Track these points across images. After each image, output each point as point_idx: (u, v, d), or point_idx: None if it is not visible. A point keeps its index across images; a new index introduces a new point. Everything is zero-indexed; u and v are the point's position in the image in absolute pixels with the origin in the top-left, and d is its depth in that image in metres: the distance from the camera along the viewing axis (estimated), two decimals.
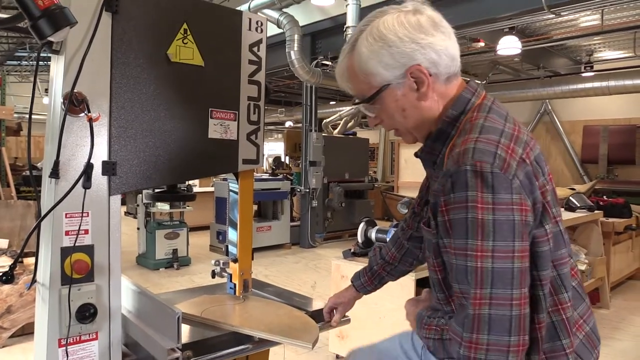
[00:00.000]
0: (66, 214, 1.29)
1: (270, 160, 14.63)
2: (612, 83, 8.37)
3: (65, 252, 1.29)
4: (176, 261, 6.69)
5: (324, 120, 11.63)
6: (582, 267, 4.85)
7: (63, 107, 1.27)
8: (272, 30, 7.65)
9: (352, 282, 1.64)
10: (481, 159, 0.99)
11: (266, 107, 1.54)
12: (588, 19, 7.48)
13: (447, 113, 1.14)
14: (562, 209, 5.32)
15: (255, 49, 1.67)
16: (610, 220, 5.56)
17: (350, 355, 1.53)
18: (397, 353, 1.39)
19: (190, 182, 8.77)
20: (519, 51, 7.28)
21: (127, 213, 11.24)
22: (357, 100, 1.20)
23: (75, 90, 1.27)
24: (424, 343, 1.21)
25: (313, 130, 8.57)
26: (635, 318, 4.94)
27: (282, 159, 13.88)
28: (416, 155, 1.24)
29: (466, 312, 0.99)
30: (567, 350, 1.08)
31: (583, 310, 1.18)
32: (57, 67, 1.34)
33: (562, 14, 6.02)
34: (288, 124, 16.77)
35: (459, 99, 1.15)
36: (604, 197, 6.51)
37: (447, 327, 1.09)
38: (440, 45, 1.10)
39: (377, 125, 1.24)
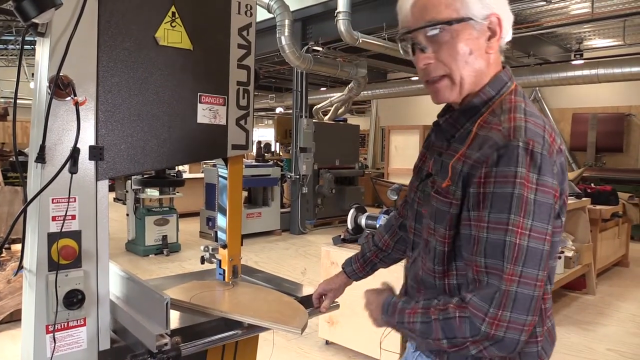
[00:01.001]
0: (53, 200, 1.28)
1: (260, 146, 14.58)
2: (601, 71, 8.41)
3: (52, 237, 1.28)
4: (166, 247, 6.68)
5: (315, 107, 11.60)
6: (570, 254, 4.91)
7: (49, 90, 1.25)
8: (262, 15, 7.58)
9: (343, 268, 1.63)
10: (534, 139, 1.00)
11: (256, 93, 1.53)
12: (578, 6, 7.50)
13: (483, 90, 1.12)
14: None
15: (244, 32, 1.64)
16: (598, 207, 5.62)
17: None
18: None
19: (180, 168, 8.73)
20: (509, 38, 7.26)
21: (116, 199, 11.18)
22: (423, 24, 1.09)
23: (61, 74, 1.25)
24: (400, 329, 1.18)
25: (303, 117, 8.54)
26: (620, 304, 5.02)
27: (267, 145, 13.80)
28: (436, 123, 1.21)
29: (497, 288, 0.98)
30: (538, 337, 1.11)
31: (549, 307, 1.21)
32: (42, 50, 1.31)
33: (552, 1, 6.02)
34: (278, 110, 16.70)
35: (497, 79, 1.13)
36: (592, 184, 6.57)
37: (451, 305, 1.05)
38: (510, 14, 1.11)
39: (425, 66, 1.12)
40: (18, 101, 1.55)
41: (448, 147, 1.15)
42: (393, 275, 1.57)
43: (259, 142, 13.43)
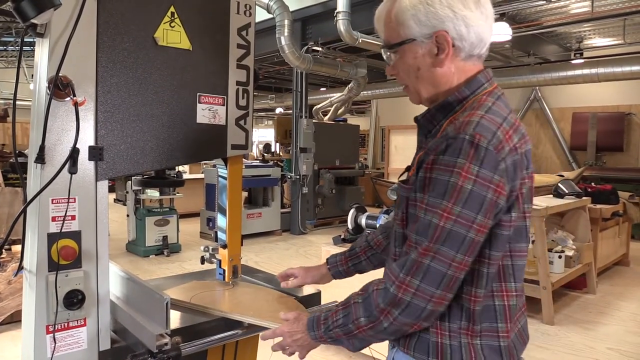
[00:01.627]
0: (52, 200, 1.28)
1: (261, 147, 14.58)
2: (601, 70, 8.40)
3: (52, 238, 1.28)
4: (166, 248, 6.68)
5: (315, 107, 11.60)
6: (570, 253, 4.91)
7: (48, 91, 1.25)
8: (262, 15, 7.58)
9: (327, 259, 1.63)
10: (481, 133, 1.05)
11: (256, 94, 1.53)
12: (578, 5, 7.49)
13: (459, 90, 1.18)
14: (551, 196, 5.37)
15: (243, 32, 1.64)
16: (598, 206, 5.62)
17: None
18: None
19: (180, 168, 8.74)
20: (509, 38, 7.28)
21: (116, 200, 11.18)
22: (382, 45, 1.26)
23: (60, 74, 1.25)
24: (329, 338, 1.21)
25: (303, 117, 8.54)
26: (620, 303, 5.02)
27: (267, 145, 13.80)
28: (416, 119, 1.28)
29: (409, 257, 1.07)
30: (500, 333, 1.15)
31: (518, 309, 1.23)
32: (41, 51, 1.31)
33: (552, 0, 6.01)
34: (278, 110, 16.69)
35: (474, 80, 1.18)
36: (592, 183, 6.57)
37: (370, 285, 1.15)
38: (474, 22, 1.14)
39: (392, 76, 1.29)
40: (18, 102, 1.55)
41: (425, 142, 1.22)
42: None
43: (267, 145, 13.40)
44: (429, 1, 1.13)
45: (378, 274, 1.28)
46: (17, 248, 4.14)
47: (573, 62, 9.15)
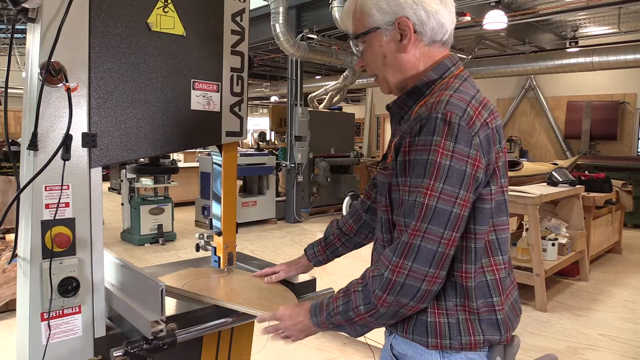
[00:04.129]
0: (46, 187, 1.27)
1: (256, 135, 14.53)
2: (596, 59, 8.41)
3: (46, 225, 1.27)
4: (161, 237, 6.67)
5: (310, 95, 11.55)
6: (563, 241, 4.94)
7: (40, 77, 1.24)
8: (257, 2, 7.52)
9: (305, 251, 1.69)
10: (452, 110, 1.08)
11: (251, 82, 1.53)
12: None
13: (426, 74, 1.22)
14: (545, 184, 5.39)
15: (238, 18, 1.63)
16: (591, 194, 5.65)
17: None
18: None
19: (175, 157, 8.71)
20: (504, 26, 7.25)
21: (111, 189, 11.13)
22: (350, 37, 1.29)
23: (52, 60, 1.24)
24: (330, 324, 1.22)
25: (298, 105, 8.51)
26: (613, 290, 5.07)
27: (262, 133, 13.77)
28: (387, 107, 1.31)
29: (401, 240, 1.09)
30: (496, 307, 1.18)
31: (510, 282, 1.28)
32: (33, 36, 1.30)
33: None
34: (273, 98, 16.63)
35: (440, 65, 1.22)
36: (586, 172, 6.60)
37: (367, 272, 1.16)
38: (432, 7, 1.18)
39: (362, 68, 1.33)
40: (10, 91, 1.54)
41: (399, 129, 1.24)
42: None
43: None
44: None
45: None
46: (10, 237, 4.13)
47: (568, 50, 9.16)
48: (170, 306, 1.49)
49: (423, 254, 1.06)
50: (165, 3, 1.46)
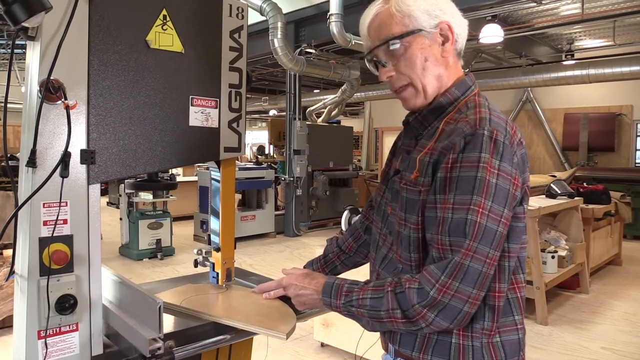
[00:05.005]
0: (44, 204, 1.27)
1: (255, 149, 14.56)
2: (592, 71, 8.47)
3: (44, 242, 1.27)
4: (160, 251, 6.65)
5: (308, 109, 11.60)
6: (563, 253, 4.93)
7: (39, 94, 1.24)
8: (255, 17, 7.57)
9: (303, 268, 1.66)
10: (497, 128, 1.09)
11: (249, 96, 1.53)
12: (569, 7, 7.54)
13: (450, 91, 1.21)
14: (543, 196, 5.40)
15: (236, 35, 1.64)
16: (590, 206, 5.66)
17: None
18: None
19: (174, 171, 8.71)
20: (501, 39, 7.32)
21: (109, 203, 11.10)
22: (379, 43, 1.21)
23: (51, 77, 1.24)
24: (345, 310, 1.19)
25: (297, 119, 8.55)
26: (613, 302, 5.05)
27: (261, 147, 13.80)
28: (406, 121, 1.28)
29: (452, 259, 1.05)
30: (518, 325, 1.18)
31: (524, 296, 1.26)
32: (32, 54, 1.30)
33: (543, 2, 6.07)
34: (272, 112, 16.68)
35: (463, 82, 1.23)
36: (584, 184, 6.61)
37: (404, 279, 1.12)
38: (462, 19, 1.22)
39: (388, 79, 1.24)
40: (10, 105, 1.54)
41: (416, 144, 1.23)
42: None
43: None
44: None
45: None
46: (8, 252, 4.11)
47: (564, 63, 9.22)
48: (168, 323, 1.48)
49: (470, 275, 1.04)
50: (164, 21, 1.47)
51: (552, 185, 5.43)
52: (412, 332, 1.15)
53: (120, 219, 6.91)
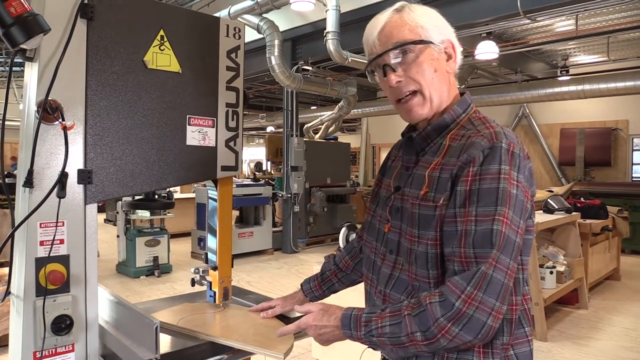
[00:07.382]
0: (40, 224, 1.27)
1: (252, 165, 14.57)
2: (587, 87, 8.54)
3: (40, 262, 1.27)
4: (157, 269, 6.61)
5: (305, 125, 11.65)
6: (561, 269, 4.92)
7: (37, 115, 1.25)
8: (252, 35, 7.64)
9: (301, 285, 1.68)
10: (513, 142, 1.12)
11: (247, 112, 1.54)
12: (563, 24, 7.64)
13: (452, 108, 1.24)
14: (541, 211, 5.40)
15: (233, 55, 1.66)
16: (588, 221, 5.66)
17: None
18: None
19: (171, 188, 8.69)
20: (496, 56, 7.39)
21: (106, 220, 11.09)
22: (392, 46, 1.20)
23: (49, 98, 1.25)
24: (370, 340, 1.15)
25: (294, 135, 8.57)
26: (613, 317, 5.02)
27: (259, 164, 13.81)
28: (409, 137, 1.28)
29: (479, 269, 1.04)
30: (529, 337, 1.19)
31: (530, 308, 1.28)
32: (31, 74, 1.31)
33: (537, 19, 6.13)
34: (269, 129, 16.74)
35: (464, 100, 1.26)
36: (581, 199, 6.62)
37: (422, 297, 1.09)
38: (458, 44, 1.26)
39: (397, 84, 1.22)
40: (8, 123, 1.54)
41: (417, 161, 1.25)
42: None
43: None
44: (437, 14, 1.25)
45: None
46: (4, 271, 4.09)
47: (559, 79, 9.31)
48: (165, 343, 1.47)
49: (493, 285, 1.03)
50: (162, 41, 1.49)
51: (549, 200, 5.44)
52: (434, 352, 1.12)
53: (118, 236, 6.88)
